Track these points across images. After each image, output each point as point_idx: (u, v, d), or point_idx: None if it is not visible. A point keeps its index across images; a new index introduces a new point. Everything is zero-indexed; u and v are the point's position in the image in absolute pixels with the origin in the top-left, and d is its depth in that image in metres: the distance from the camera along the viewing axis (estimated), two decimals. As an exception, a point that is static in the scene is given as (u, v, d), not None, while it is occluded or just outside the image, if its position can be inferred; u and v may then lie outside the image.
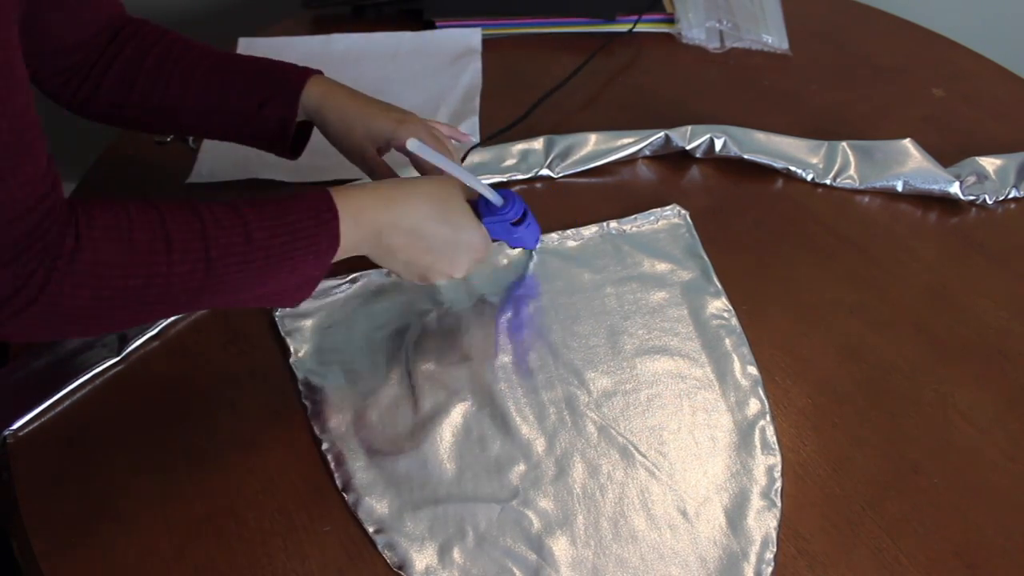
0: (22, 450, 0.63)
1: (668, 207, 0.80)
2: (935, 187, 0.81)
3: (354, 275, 0.74)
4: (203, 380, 0.67)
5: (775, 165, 0.84)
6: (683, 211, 0.80)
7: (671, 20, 1.07)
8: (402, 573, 0.56)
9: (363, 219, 0.57)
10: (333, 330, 0.70)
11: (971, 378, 0.67)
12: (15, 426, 0.64)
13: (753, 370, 0.67)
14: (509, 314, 0.71)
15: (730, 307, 0.72)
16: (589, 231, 0.78)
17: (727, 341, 0.69)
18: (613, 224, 0.79)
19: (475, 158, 0.84)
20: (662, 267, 0.75)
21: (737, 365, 0.67)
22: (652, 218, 0.79)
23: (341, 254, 0.57)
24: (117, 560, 0.57)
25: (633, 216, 0.79)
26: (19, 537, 0.58)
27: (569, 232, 0.78)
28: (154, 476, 0.61)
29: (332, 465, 0.61)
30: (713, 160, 0.86)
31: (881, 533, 0.58)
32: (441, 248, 0.62)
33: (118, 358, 0.68)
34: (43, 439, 0.64)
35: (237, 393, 0.66)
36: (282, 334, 0.69)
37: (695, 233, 0.78)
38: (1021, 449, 0.62)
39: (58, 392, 0.65)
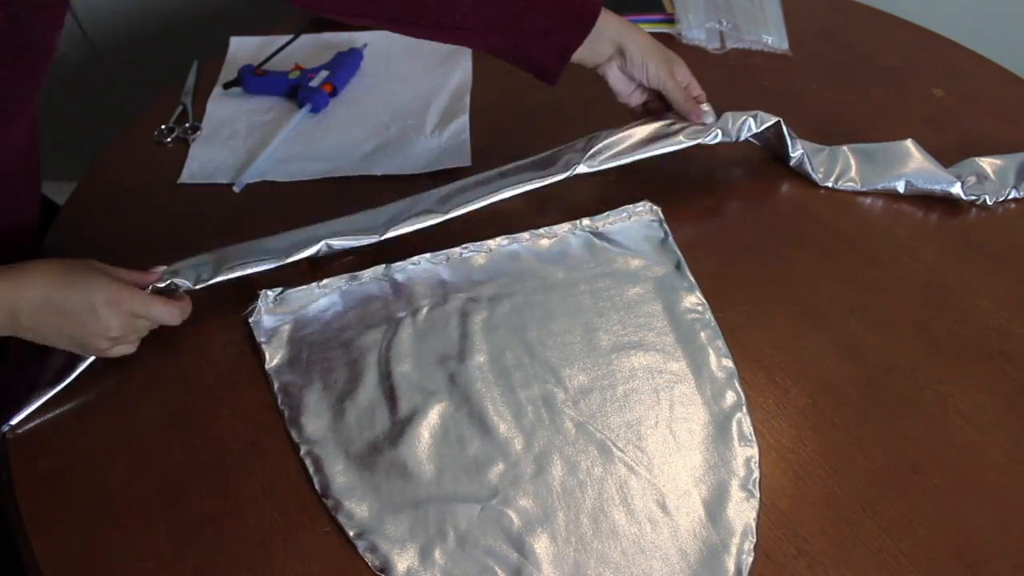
0: (22, 450, 0.63)
1: (640, 203, 0.80)
2: (937, 187, 0.81)
3: (325, 281, 0.73)
4: (203, 380, 0.67)
5: (791, 160, 0.83)
6: (655, 207, 0.80)
7: (671, 20, 1.07)
8: None
9: None
10: (307, 336, 0.70)
11: (971, 378, 0.67)
12: (14, 421, 0.64)
13: (728, 363, 0.68)
14: (485, 314, 0.71)
15: (704, 301, 0.72)
16: (561, 229, 0.78)
17: (702, 335, 0.70)
18: (585, 221, 0.79)
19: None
20: (635, 263, 0.75)
21: (712, 358, 0.68)
22: (624, 214, 0.79)
23: None
24: (117, 560, 0.57)
25: (605, 213, 0.79)
26: (19, 537, 0.58)
27: (542, 230, 0.78)
28: (154, 476, 0.61)
29: (311, 470, 0.61)
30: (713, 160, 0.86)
31: (881, 533, 0.58)
32: (80, 312, 0.60)
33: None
34: (43, 439, 0.64)
35: (237, 394, 0.66)
36: (257, 341, 0.69)
37: (667, 228, 0.78)
38: (1021, 449, 0.62)
39: (57, 388, 0.65)
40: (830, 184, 0.83)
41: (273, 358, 0.68)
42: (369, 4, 0.73)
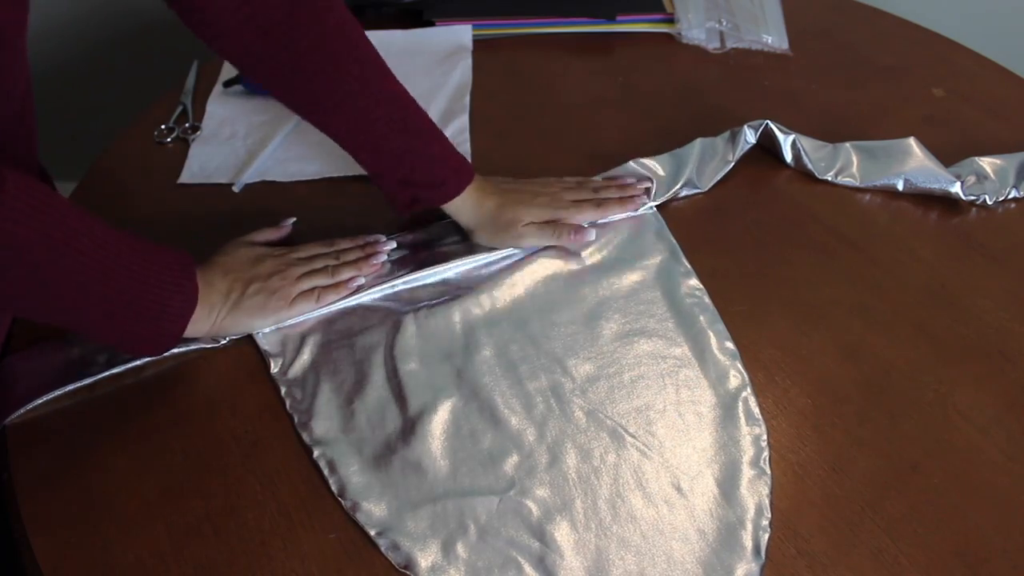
0: (22, 450, 0.63)
1: None
2: (936, 186, 0.81)
3: None
4: (203, 380, 0.67)
5: (786, 158, 0.85)
6: (648, 200, 0.81)
7: (671, 20, 1.07)
8: (408, 573, 0.56)
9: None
10: (311, 338, 0.70)
11: (971, 378, 0.67)
12: (14, 415, 0.64)
13: (730, 345, 0.68)
14: (486, 308, 0.71)
15: (701, 286, 0.73)
16: None
17: (702, 319, 0.70)
18: None
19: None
20: (633, 251, 0.76)
21: (714, 341, 0.69)
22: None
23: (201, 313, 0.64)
24: (117, 560, 0.57)
25: None
26: (19, 537, 0.58)
27: None
28: (154, 476, 0.61)
29: (325, 472, 0.61)
30: (713, 160, 0.86)
31: (881, 533, 0.58)
32: (245, 263, 0.68)
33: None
34: (44, 438, 0.64)
35: (237, 393, 0.66)
36: (261, 349, 0.69)
37: (661, 216, 0.79)
38: (1021, 449, 0.62)
39: (57, 391, 0.65)
40: (829, 177, 0.84)
41: (278, 362, 0.68)
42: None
